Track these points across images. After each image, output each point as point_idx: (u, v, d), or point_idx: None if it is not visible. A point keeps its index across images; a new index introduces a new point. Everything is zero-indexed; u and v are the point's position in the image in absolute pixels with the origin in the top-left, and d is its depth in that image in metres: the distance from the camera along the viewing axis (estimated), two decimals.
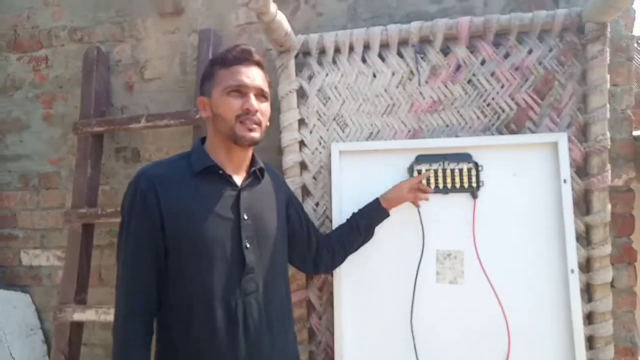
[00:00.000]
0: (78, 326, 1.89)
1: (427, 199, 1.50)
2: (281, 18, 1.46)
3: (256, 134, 1.15)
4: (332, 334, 1.58)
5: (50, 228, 2.18)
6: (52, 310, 1.87)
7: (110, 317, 1.78)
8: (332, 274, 1.57)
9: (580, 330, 1.42)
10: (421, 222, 1.50)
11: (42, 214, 2.20)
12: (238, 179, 1.18)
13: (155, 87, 2.04)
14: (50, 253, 2.19)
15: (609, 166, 1.50)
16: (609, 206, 1.50)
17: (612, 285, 1.53)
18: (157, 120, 1.88)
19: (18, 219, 2.23)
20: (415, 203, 1.50)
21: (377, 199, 1.49)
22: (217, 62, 1.16)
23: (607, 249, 1.49)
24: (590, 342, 1.50)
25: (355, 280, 1.57)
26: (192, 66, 1.98)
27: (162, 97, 2.03)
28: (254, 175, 1.22)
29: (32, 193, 2.21)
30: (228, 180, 1.16)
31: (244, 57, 1.15)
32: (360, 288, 1.57)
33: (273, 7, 1.36)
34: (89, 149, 1.96)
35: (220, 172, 1.15)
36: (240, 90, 1.13)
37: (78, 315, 1.82)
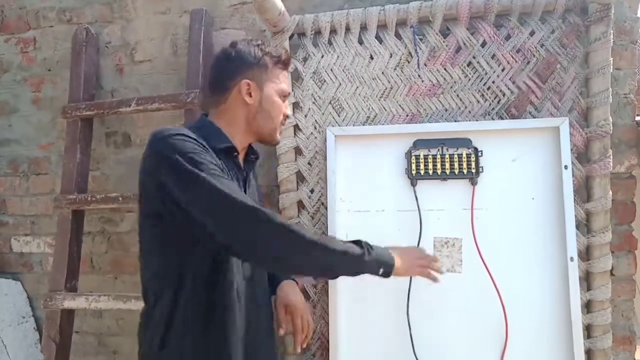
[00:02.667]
0: (69, 314, 1.86)
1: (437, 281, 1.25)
2: None
3: None
4: (327, 323, 1.56)
5: (41, 214, 2.14)
6: (43, 298, 1.84)
7: (100, 304, 1.76)
8: None
9: (578, 319, 1.41)
10: (418, 209, 1.46)
11: (32, 200, 2.15)
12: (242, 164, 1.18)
13: (146, 70, 1.98)
14: (41, 240, 2.15)
15: (610, 152, 1.47)
16: (610, 193, 1.47)
17: (611, 273, 1.52)
18: (147, 103, 1.82)
19: (7, 205, 2.19)
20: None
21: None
22: (271, 56, 1.15)
23: (608, 236, 1.46)
24: (588, 330, 1.49)
25: None
26: (183, 48, 1.92)
27: (152, 80, 1.97)
28: (250, 161, 1.22)
29: (21, 179, 2.16)
30: (239, 165, 1.14)
31: (289, 64, 1.23)
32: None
33: None
34: (78, 134, 1.91)
35: (235, 154, 1.12)
36: (286, 97, 1.21)
37: (69, 303, 1.79)
